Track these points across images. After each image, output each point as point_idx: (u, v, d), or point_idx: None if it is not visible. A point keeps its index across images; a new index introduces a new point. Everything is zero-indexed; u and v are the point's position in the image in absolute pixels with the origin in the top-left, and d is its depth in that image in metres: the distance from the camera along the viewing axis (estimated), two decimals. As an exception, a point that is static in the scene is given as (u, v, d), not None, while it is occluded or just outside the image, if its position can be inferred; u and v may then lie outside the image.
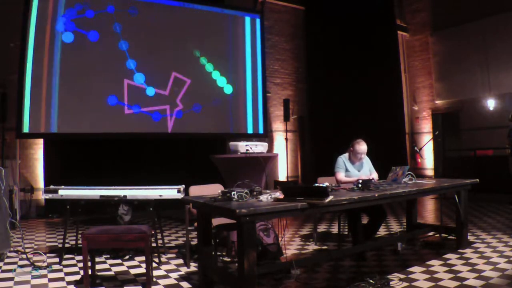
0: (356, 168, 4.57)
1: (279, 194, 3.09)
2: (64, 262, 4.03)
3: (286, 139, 9.27)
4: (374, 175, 4.58)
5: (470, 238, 4.69)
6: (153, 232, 3.98)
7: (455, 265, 3.73)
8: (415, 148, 7.54)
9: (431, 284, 3.25)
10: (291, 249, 4.57)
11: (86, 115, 6.86)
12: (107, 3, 7.14)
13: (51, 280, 3.51)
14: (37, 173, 7.26)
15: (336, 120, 9.52)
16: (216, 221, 3.75)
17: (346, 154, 4.61)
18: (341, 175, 4.50)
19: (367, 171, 4.61)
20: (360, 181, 3.66)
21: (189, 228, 4.07)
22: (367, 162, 4.67)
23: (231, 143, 4.53)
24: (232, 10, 8.46)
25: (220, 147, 7.92)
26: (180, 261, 4.15)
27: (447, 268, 3.63)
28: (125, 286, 3.37)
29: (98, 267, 3.77)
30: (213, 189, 3.97)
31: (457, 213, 4.33)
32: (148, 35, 7.50)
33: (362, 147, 4.46)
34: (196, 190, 4.01)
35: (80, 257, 3.94)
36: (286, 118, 9.02)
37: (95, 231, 3.31)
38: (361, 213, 4.25)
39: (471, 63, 10.14)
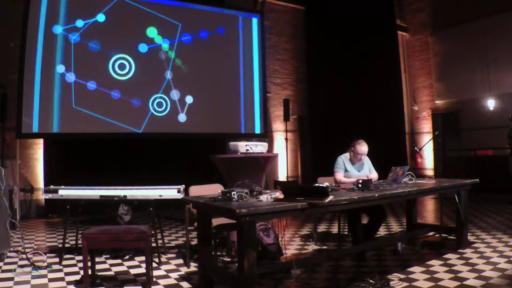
0: (356, 169, 4.56)
1: (279, 194, 3.09)
2: (64, 262, 4.03)
3: (286, 139, 9.27)
4: (374, 175, 4.58)
5: (470, 238, 4.69)
6: (153, 232, 3.98)
7: (455, 265, 3.73)
8: (415, 148, 7.57)
9: (431, 284, 3.25)
10: (291, 249, 4.57)
11: (86, 114, 6.86)
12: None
13: (51, 280, 3.51)
14: (37, 173, 7.25)
15: (336, 120, 9.50)
16: (216, 221, 3.75)
17: (347, 154, 4.60)
18: (340, 175, 4.49)
19: (367, 171, 4.60)
20: (360, 181, 3.66)
21: (189, 228, 4.07)
22: (366, 162, 4.66)
23: (231, 143, 4.53)
24: (232, 10, 8.46)
25: (220, 147, 7.91)
26: (180, 261, 4.15)
27: (447, 268, 3.63)
28: (125, 286, 3.38)
29: (98, 267, 3.77)
30: (213, 189, 3.97)
31: (457, 213, 4.33)
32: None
33: (363, 148, 4.45)
34: (196, 190, 4.01)
35: (80, 257, 3.94)
36: (286, 118, 9.02)
37: (95, 231, 3.31)
38: (361, 213, 4.25)
39: (471, 63, 10.13)
